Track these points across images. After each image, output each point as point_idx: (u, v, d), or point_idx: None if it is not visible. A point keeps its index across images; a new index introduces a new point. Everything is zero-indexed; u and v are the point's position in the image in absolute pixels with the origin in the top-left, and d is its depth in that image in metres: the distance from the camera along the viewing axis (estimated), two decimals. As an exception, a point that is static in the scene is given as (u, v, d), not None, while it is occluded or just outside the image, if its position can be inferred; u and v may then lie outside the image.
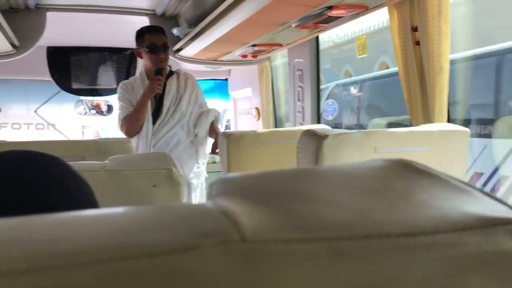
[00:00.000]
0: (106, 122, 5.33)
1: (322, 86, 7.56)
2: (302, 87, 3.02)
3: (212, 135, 2.65)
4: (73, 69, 3.87)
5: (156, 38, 2.42)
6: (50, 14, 2.95)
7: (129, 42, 2.74)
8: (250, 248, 0.19)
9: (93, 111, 4.31)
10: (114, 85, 3.78)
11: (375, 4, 1.88)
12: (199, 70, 3.56)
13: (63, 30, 3.47)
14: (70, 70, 3.84)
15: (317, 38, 2.86)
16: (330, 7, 1.85)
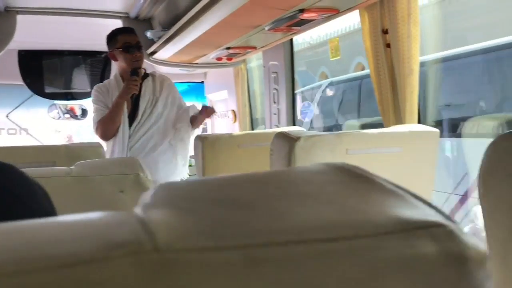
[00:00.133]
0: (81, 126, 5.26)
1: (314, 85, 7.33)
2: (277, 89, 3.03)
3: (194, 125, 2.63)
4: (45, 73, 3.80)
5: (128, 38, 2.40)
6: (20, 17, 2.90)
7: (103, 45, 2.71)
8: (162, 258, 0.19)
9: (67, 115, 4.24)
10: (88, 88, 3.73)
11: (346, 7, 1.90)
12: (175, 73, 3.54)
13: (35, 33, 3.41)
14: (42, 74, 3.78)
15: (291, 41, 2.88)
16: (302, 10, 1.87)
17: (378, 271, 0.21)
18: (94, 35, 3.30)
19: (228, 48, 2.67)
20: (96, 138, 2.58)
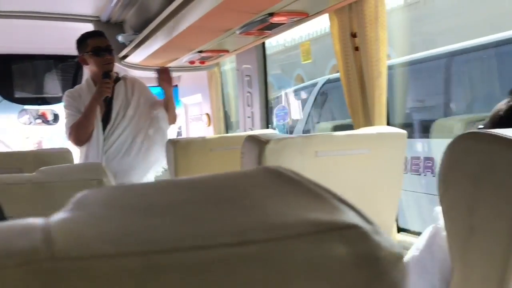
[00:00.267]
0: (54, 131, 5.16)
1: (309, 83, 6.85)
2: (250, 93, 3.04)
3: (168, 109, 2.60)
4: (15, 77, 3.73)
5: (98, 41, 2.38)
6: (-12, 21, 2.84)
7: (74, 49, 2.68)
8: (57, 266, 0.19)
9: (38, 121, 4.16)
10: (60, 93, 3.67)
11: (316, 10, 1.92)
12: (148, 76, 3.50)
13: (4, 37, 3.34)
14: (12, 78, 3.70)
15: (263, 44, 2.89)
16: (272, 14, 1.88)
17: (287, 274, 0.21)
18: (65, 39, 3.25)
19: (200, 51, 2.66)
20: (70, 144, 2.54)
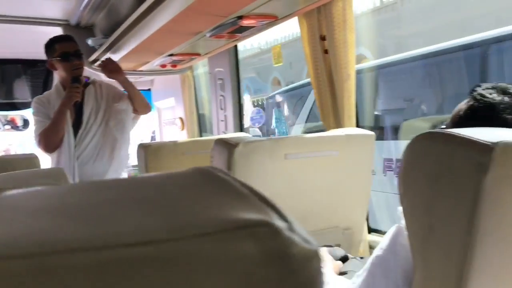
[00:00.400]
0: (25, 137, 5.06)
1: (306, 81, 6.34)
2: (223, 96, 3.03)
3: (132, 100, 2.52)
4: (-18, 82, 3.65)
5: (67, 46, 2.33)
6: (-47, 25, 2.77)
7: (44, 54, 2.63)
8: None
9: (7, 126, 4.08)
10: (30, 98, 3.60)
11: (284, 14, 1.93)
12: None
13: (-30, 41, 3.26)
14: (-21, 83, 3.62)
15: (235, 47, 2.89)
16: (241, 17, 1.88)
17: (191, 273, 0.21)
18: (35, 43, 3.18)
19: (171, 55, 2.65)
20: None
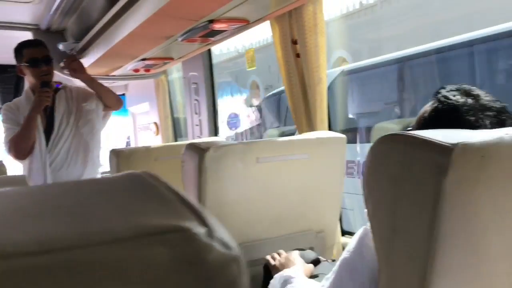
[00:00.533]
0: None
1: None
2: (198, 100, 3.02)
3: (101, 97, 2.48)
4: None
5: (35, 52, 2.29)
6: None
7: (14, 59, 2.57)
8: None
9: (-23, 133, 3.98)
10: (0, 104, 3.53)
11: (256, 17, 1.93)
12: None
13: None
14: None
15: (209, 51, 2.88)
16: (212, 21, 1.87)
17: (97, 281, 0.20)
18: (4, 48, 3.12)
19: (144, 59, 2.62)
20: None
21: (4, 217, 0.22)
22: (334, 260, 1.43)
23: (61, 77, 2.86)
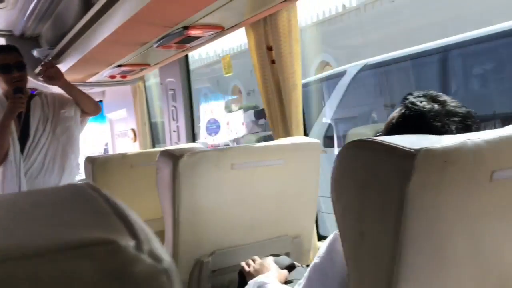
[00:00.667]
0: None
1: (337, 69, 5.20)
2: (175, 107, 3.00)
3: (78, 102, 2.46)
4: None
5: (7, 58, 2.25)
6: None
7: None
8: None
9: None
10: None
11: (231, 24, 1.93)
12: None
13: None
14: None
15: (186, 57, 2.87)
16: (187, 27, 1.87)
17: None
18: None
19: (120, 65, 2.60)
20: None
21: None
22: (308, 265, 1.44)
23: (37, 83, 2.83)
